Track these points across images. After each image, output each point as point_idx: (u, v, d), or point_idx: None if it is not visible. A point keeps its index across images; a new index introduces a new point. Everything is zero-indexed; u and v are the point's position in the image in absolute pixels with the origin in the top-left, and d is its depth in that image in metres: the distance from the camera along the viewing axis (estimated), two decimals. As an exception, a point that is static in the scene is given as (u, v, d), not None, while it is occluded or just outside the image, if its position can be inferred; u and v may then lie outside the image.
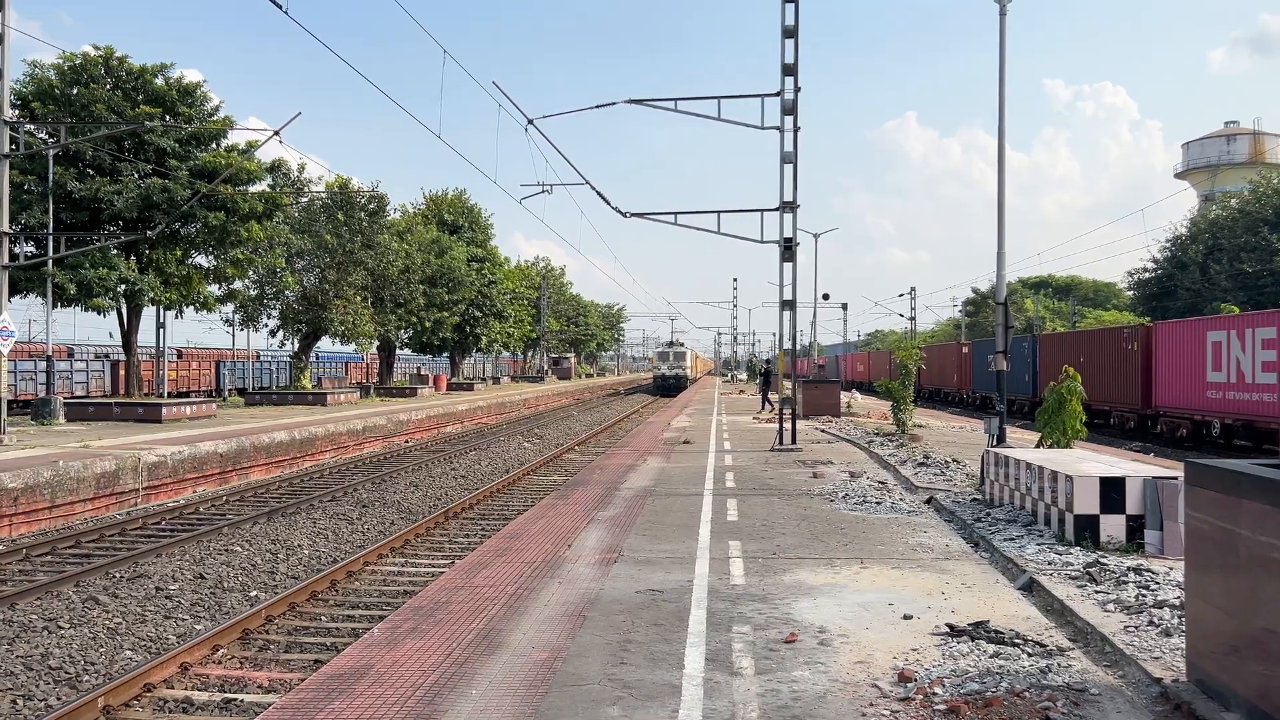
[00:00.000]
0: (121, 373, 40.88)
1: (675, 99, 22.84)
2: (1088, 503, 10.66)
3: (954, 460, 19.39)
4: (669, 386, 75.17)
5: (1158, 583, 8.84)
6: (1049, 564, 9.84)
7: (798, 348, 25.05)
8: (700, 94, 27.83)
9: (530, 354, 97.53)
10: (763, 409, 39.86)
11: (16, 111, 29.78)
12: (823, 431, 28.84)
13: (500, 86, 22.64)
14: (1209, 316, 32.86)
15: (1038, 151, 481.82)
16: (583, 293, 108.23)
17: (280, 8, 15.46)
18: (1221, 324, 27.08)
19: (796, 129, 22.29)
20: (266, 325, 43.62)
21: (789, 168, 22.39)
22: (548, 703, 6.12)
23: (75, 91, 31.33)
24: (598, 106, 25.66)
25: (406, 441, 33.11)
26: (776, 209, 22.80)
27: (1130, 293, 67.82)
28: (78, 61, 31.74)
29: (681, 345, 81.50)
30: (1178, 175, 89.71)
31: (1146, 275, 60.97)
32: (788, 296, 23.28)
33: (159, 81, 32.98)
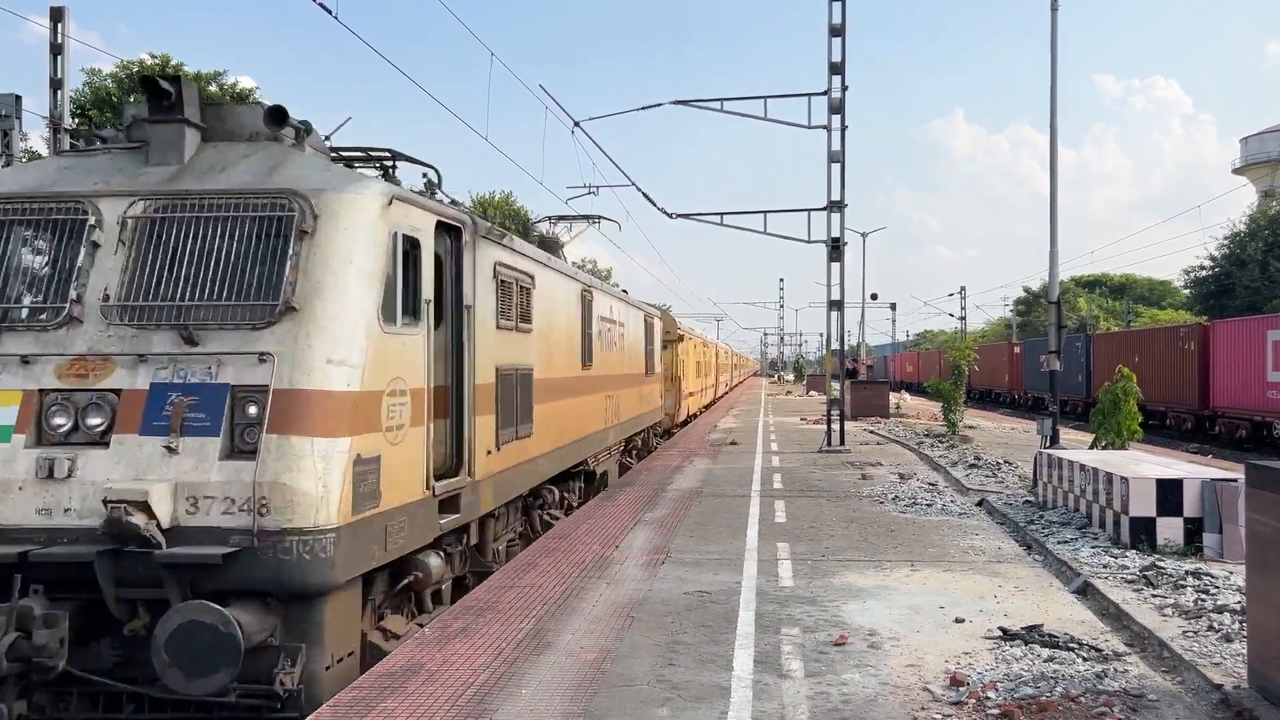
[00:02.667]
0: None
1: (721, 99, 22.83)
2: (1144, 505, 10.46)
3: (1006, 462, 19.12)
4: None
5: (1217, 587, 8.66)
6: (1104, 567, 9.67)
7: (846, 348, 24.85)
8: (745, 92, 27.74)
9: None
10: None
11: (76, 120, 30.53)
12: (871, 432, 28.60)
13: (547, 90, 22.80)
14: (1269, 315, 32.10)
15: (1087, 147, 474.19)
16: (629, 293, 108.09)
17: (330, 12, 15.64)
18: (1283, 322, 26.43)
19: (844, 128, 22.14)
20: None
21: (836, 167, 22.25)
22: (597, 703, 6.13)
23: (133, 99, 32.06)
24: (644, 108, 25.75)
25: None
26: (823, 208, 22.66)
27: (1186, 291, 66.54)
28: (135, 70, 32.48)
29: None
30: (1235, 170, 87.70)
31: (1203, 273, 59.74)
32: (835, 296, 23.13)
33: (213, 88, 33.64)
